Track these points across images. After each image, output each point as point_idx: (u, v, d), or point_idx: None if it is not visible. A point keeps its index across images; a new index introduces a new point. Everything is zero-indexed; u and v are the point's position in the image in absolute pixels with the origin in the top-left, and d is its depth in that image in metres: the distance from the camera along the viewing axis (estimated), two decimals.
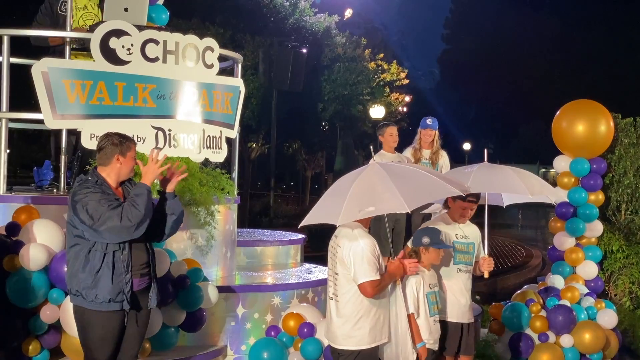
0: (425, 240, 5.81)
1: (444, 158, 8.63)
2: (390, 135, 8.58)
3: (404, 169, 5.46)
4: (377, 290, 5.25)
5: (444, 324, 6.20)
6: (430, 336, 5.81)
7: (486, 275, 6.39)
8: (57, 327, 6.19)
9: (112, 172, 5.23)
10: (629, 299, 10.21)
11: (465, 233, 6.36)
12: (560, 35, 60.52)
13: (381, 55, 33.35)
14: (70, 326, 5.87)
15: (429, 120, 8.64)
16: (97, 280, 5.06)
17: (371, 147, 5.92)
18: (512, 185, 6.42)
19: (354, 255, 5.24)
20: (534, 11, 66.27)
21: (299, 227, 5.39)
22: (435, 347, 5.92)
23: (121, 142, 5.24)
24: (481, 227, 6.46)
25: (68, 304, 5.87)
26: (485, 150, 6.94)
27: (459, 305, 6.30)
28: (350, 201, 5.05)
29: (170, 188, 5.40)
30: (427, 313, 5.82)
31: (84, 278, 5.07)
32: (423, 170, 5.41)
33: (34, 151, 25.51)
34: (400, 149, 8.99)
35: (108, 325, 5.16)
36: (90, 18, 7.97)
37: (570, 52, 58.05)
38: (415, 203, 5.13)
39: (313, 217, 5.32)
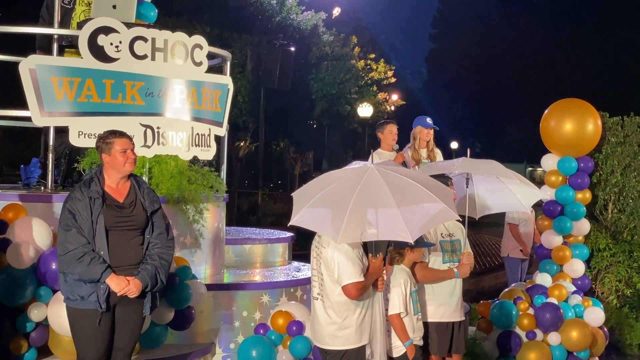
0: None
1: (439, 156, 8.61)
2: (390, 132, 8.50)
3: (404, 183, 5.11)
4: (360, 292, 5.24)
5: (435, 325, 6.24)
6: (415, 334, 5.87)
7: (460, 276, 6.33)
8: (45, 325, 6.18)
9: (107, 170, 5.35)
10: (616, 297, 10.25)
11: (449, 230, 6.38)
12: (548, 35, 60.64)
13: (372, 55, 33.36)
14: (58, 324, 5.86)
15: (428, 119, 8.56)
16: (72, 278, 5.15)
17: (372, 151, 5.78)
18: (500, 172, 6.53)
19: (338, 256, 5.22)
20: (521, 11, 66.39)
21: (288, 225, 5.26)
22: (421, 343, 6.01)
23: (104, 141, 5.35)
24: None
25: (56, 302, 5.87)
26: (469, 150, 7.06)
27: (450, 305, 6.32)
28: (350, 220, 4.81)
29: None
30: (412, 311, 5.88)
31: (64, 275, 5.20)
32: (420, 184, 5.11)
33: (20, 149, 25.35)
34: None
35: (86, 323, 5.20)
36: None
37: (558, 52, 58.21)
38: (418, 233, 4.99)
39: (308, 222, 5.02)
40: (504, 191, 6.85)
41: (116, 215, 5.24)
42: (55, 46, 7.42)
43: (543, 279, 8.92)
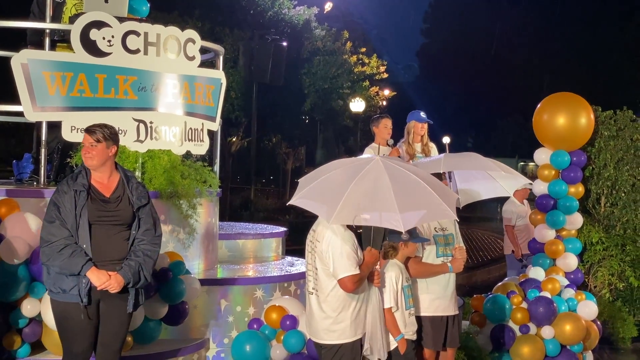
0: (405, 236, 5.84)
1: (434, 150, 8.62)
2: (385, 127, 8.52)
3: (406, 177, 5.16)
4: (357, 284, 5.24)
5: (429, 319, 6.25)
6: (407, 328, 5.86)
7: (454, 271, 6.33)
8: (38, 321, 6.17)
9: None
10: (609, 291, 10.28)
11: (443, 224, 6.38)
12: (539, 30, 60.78)
13: (363, 49, 33.37)
14: (51, 320, 5.84)
15: (422, 114, 8.57)
16: (54, 270, 5.14)
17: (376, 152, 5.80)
18: (483, 165, 6.55)
19: (333, 250, 5.22)
20: (513, 6, 66.54)
21: (287, 205, 5.28)
22: (414, 337, 5.99)
23: None
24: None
25: (49, 298, 5.85)
26: (447, 145, 7.12)
27: (444, 299, 6.33)
28: (346, 203, 4.87)
29: None
30: (404, 306, 5.86)
31: (47, 267, 5.20)
32: (422, 180, 5.14)
33: (12, 145, 25.27)
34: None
35: (68, 317, 5.19)
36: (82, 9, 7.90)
37: (549, 47, 58.32)
38: (411, 224, 5.03)
39: (305, 202, 5.11)
40: (486, 179, 6.88)
41: (100, 210, 5.20)
42: (47, 41, 7.38)
43: (536, 272, 8.94)
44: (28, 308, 6.05)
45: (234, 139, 31.69)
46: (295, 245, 12.45)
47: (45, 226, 5.14)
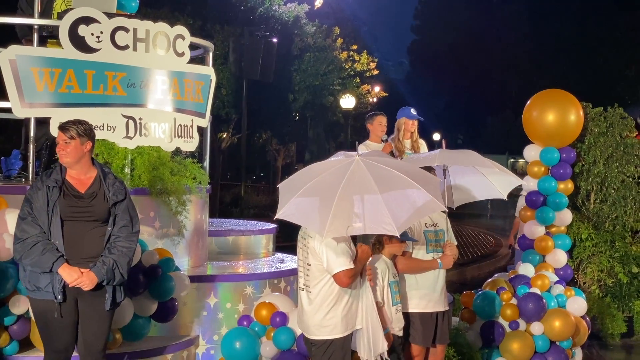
0: None
1: (423, 147, 8.61)
2: (380, 124, 8.51)
3: (390, 174, 5.11)
4: (352, 279, 5.24)
5: (419, 315, 6.24)
6: (393, 324, 5.85)
7: (443, 267, 6.32)
8: (26, 318, 6.14)
9: None
10: (598, 287, 10.32)
11: (434, 220, 6.37)
12: (529, 27, 60.81)
13: (354, 46, 33.38)
14: None
15: (413, 111, 8.57)
16: (29, 267, 5.12)
17: (357, 143, 5.76)
18: (478, 161, 6.55)
19: (326, 245, 5.20)
20: (502, 2, 66.59)
21: (274, 219, 5.25)
22: (400, 333, 5.98)
23: None
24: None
25: None
26: (444, 141, 7.12)
27: (434, 295, 6.32)
28: (336, 214, 4.83)
29: None
30: (390, 302, 5.85)
31: (23, 265, 5.19)
32: (406, 175, 5.12)
33: (0, 142, 25.11)
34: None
35: (46, 314, 5.17)
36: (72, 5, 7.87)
37: (540, 44, 58.33)
38: (404, 226, 5.02)
39: (293, 215, 5.05)
40: (480, 180, 6.88)
41: (72, 206, 5.16)
42: (35, 36, 7.35)
43: (526, 269, 8.94)
44: (16, 305, 6.02)
45: (224, 136, 31.63)
46: (285, 241, 12.44)
47: (19, 223, 5.13)
